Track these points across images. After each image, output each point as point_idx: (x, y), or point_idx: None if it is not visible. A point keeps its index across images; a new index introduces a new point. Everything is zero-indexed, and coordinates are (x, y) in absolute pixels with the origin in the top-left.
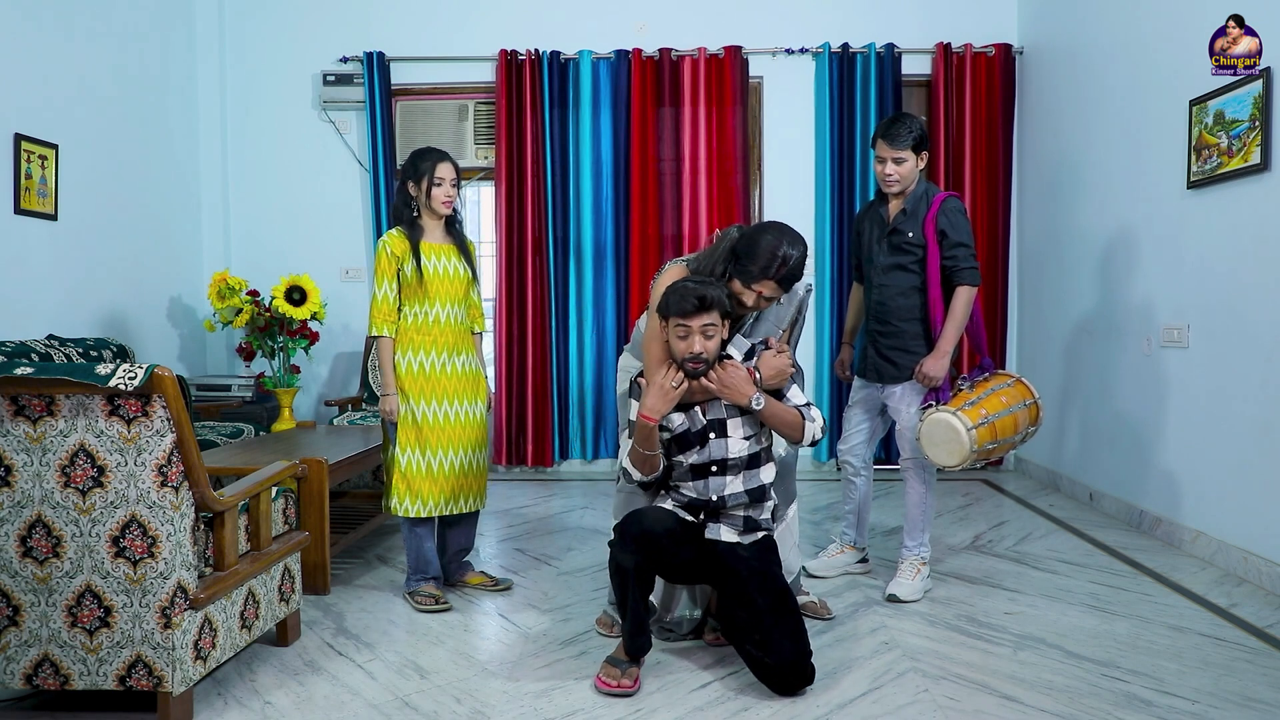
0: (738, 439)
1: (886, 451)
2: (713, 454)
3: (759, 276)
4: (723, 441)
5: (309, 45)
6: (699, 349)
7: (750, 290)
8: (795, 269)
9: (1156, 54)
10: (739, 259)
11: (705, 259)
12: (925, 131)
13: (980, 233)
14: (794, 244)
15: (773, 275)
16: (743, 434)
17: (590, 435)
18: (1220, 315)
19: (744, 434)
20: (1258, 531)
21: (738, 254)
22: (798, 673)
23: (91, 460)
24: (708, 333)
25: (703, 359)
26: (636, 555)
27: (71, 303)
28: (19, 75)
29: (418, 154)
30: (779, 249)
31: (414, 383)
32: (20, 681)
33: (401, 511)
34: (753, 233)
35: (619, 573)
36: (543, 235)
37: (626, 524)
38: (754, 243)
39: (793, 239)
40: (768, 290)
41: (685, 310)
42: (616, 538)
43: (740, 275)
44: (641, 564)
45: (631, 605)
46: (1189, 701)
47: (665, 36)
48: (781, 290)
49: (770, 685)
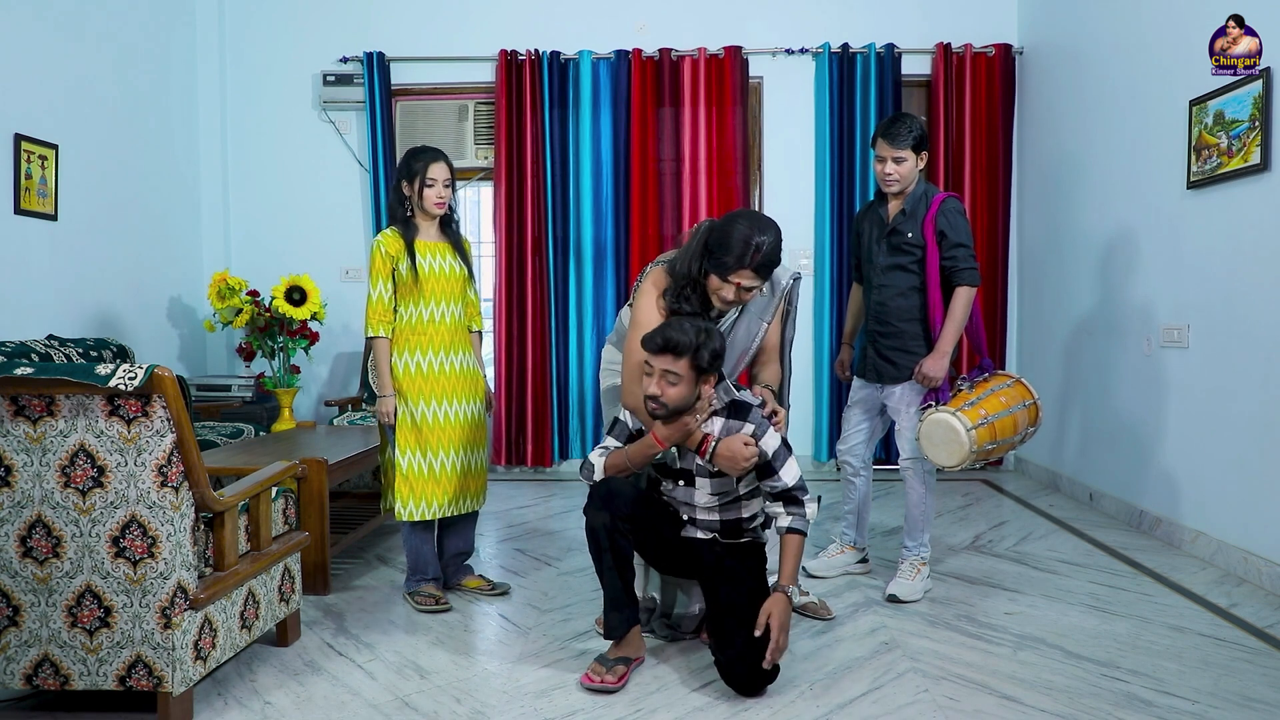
0: (704, 493)
1: (886, 452)
2: (678, 495)
3: (734, 267)
4: (689, 490)
5: (309, 45)
6: (654, 391)
7: (728, 283)
8: (771, 255)
9: (1156, 54)
10: (712, 253)
11: (681, 257)
12: (925, 131)
13: (980, 233)
14: (765, 230)
15: (749, 264)
16: (710, 491)
17: (590, 435)
18: (1220, 315)
19: (711, 491)
20: (1258, 531)
21: (710, 248)
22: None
23: (91, 460)
24: (668, 379)
25: (660, 402)
26: (605, 512)
27: (71, 303)
28: (19, 75)
29: (412, 153)
30: (751, 237)
31: (412, 383)
32: (20, 681)
33: (406, 516)
34: (723, 225)
35: (591, 535)
36: (542, 235)
37: (595, 488)
38: (726, 235)
39: (764, 225)
40: (746, 280)
41: (649, 347)
42: (587, 503)
43: (716, 269)
44: (612, 524)
45: (607, 573)
46: (1189, 702)
47: (665, 37)
48: (760, 279)
49: (727, 682)
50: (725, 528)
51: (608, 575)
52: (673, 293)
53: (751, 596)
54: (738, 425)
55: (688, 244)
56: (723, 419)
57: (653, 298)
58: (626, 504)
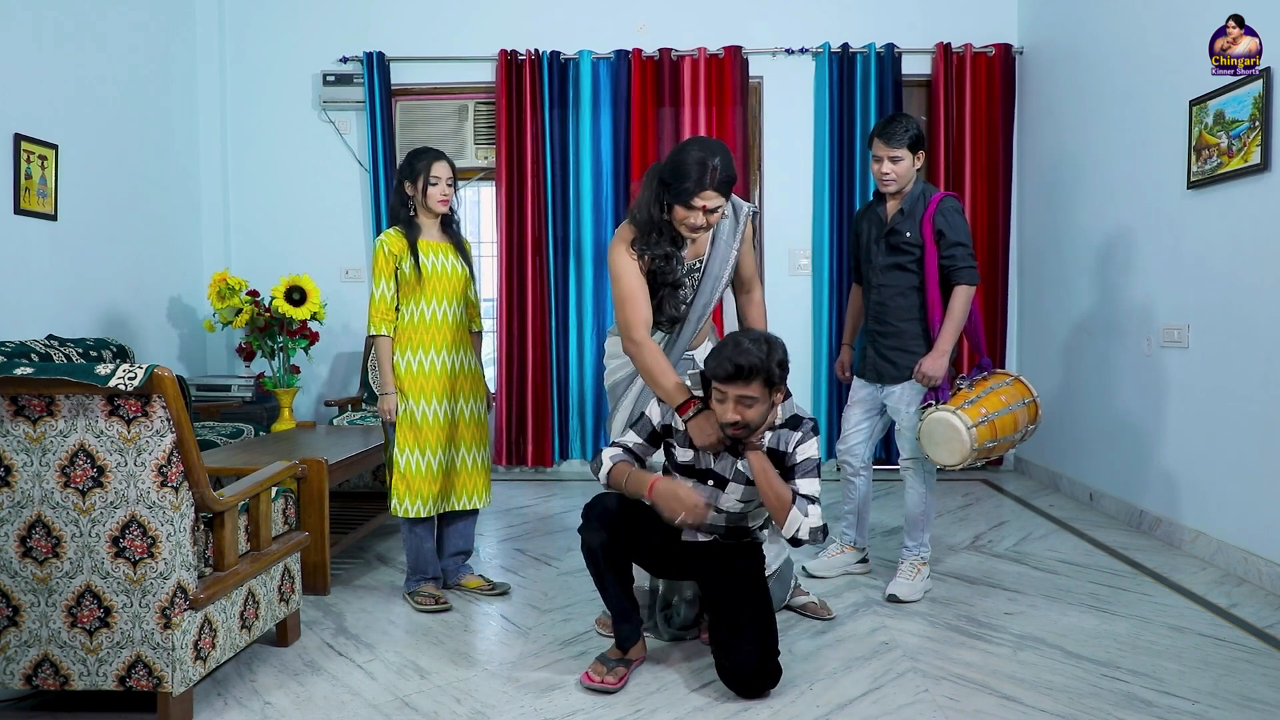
0: (733, 499)
1: (886, 451)
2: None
3: (696, 190)
4: (716, 492)
5: (309, 45)
6: (733, 417)
7: (695, 209)
8: (728, 171)
9: (1156, 54)
10: (670, 185)
11: (639, 205)
12: (922, 130)
13: (980, 233)
14: (715, 149)
15: (710, 184)
16: (739, 498)
17: (590, 435)
18: (1220, 315)
19: (740, 498)
20: (1258, 531)
21: (667, 182)
22: (755, 677)
23: (91, 460)
24: (744, 403)
25: (741, 425)
26: (602, 532)
27: (71, 303)
28: (19, 75)
29: (414, 153)
30: (705, 159)
31: (413, 382)
32: (20, 682)
33: (401, 512)
34: (672, 158)
35: (590, 556)
36: (543, 235)
37: (590, 506)
38: (679, 165)
39: (712, 146)
40: (711, 201)
41: (719, 376)
42: (582, 521)
43: (680, 198)
44: (609, 542)
45: (610, 590)
46: (1189, 702)
47: (665, 36)
48: (723, 196)
49: (729, 685)
50: (730, 532)
51: (611, 590)
52: (640, 240)
53: (751, 599)
54: (788, 434)
55: (641, 191)
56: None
57: (623, 252)
58: (623, 520)
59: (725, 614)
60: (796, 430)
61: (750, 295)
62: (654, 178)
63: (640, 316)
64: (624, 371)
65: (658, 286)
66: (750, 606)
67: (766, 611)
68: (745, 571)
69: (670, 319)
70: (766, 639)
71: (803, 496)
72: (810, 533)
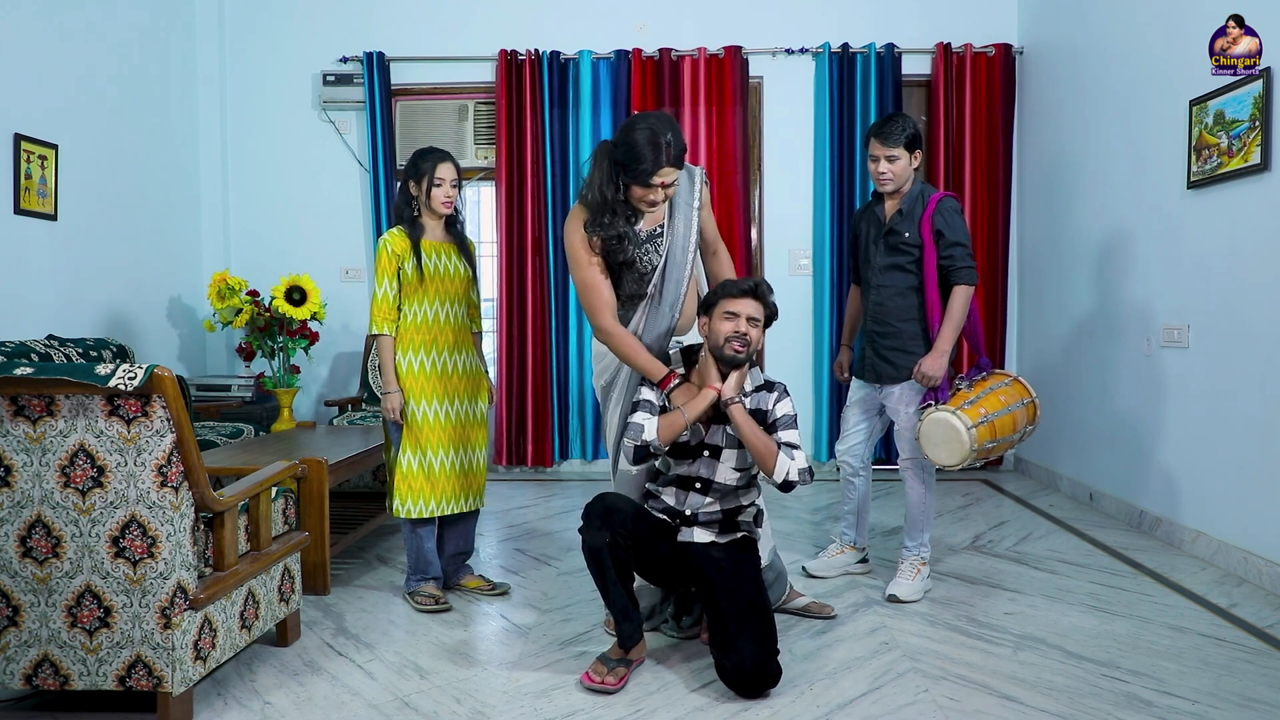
0: (728, 468)
1: (886, 452)
2: (700, 471)
3: (653, 170)
4: (713, 463)
5: (309, 45)
6: (743, 329)
7: (654, 186)
8: (680, 144)
9: (1156, 54)
10: (626, 168)
11: (589, 185)
12: (919, 130)
13: (980, 233)
14: (664, 125)
15: (667, 162)
16: (734, 465)
17: (590, 435)
18: (1220, 315)
19: (735, 465)
20: (1258, 531)
21: (622, 164)
22: (756, 677)
23: (91, 460)
24: (753, 323)
25: (746, 342)
26: (604, 531)
27: (71, 303)
28: (19, 75)
29: (419, 154)
30: (658, 138)
31: (414, 382)
32: (20, 682)
33: (403, 513)
34: (623, 140)
35: (592, 556)
36: (543, 235)
37: (591, 506)
38: (632, 145)
39: (661, 122)
40: (669, 177)
41: (735, 292)
42: (583, 522)
43: (638, 179)
44: (611, 542)
45: (612, 590)
46: (1189, 702)
47: (665, 37)
48: (678, 169)
49: (730, 686)
50: (725, 518)
51: (613, 590)
52: (593, 222)
53: (750, 599)
54: (764, 395)
55: (591, 172)
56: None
57: (578, 235)
58: (626, 520)
59: (725, 614)
60: (772, 391)
61: (717, 256)
62: (604, 157)
63: (604, 300)
64: (610, 373)
65: (615, 266)
66: (750, 607)
67: (766, 612)
68: (743, 570)
69: (631, 295)
70: (766, 639)
71: (786, 445)
72: (799, 474)
